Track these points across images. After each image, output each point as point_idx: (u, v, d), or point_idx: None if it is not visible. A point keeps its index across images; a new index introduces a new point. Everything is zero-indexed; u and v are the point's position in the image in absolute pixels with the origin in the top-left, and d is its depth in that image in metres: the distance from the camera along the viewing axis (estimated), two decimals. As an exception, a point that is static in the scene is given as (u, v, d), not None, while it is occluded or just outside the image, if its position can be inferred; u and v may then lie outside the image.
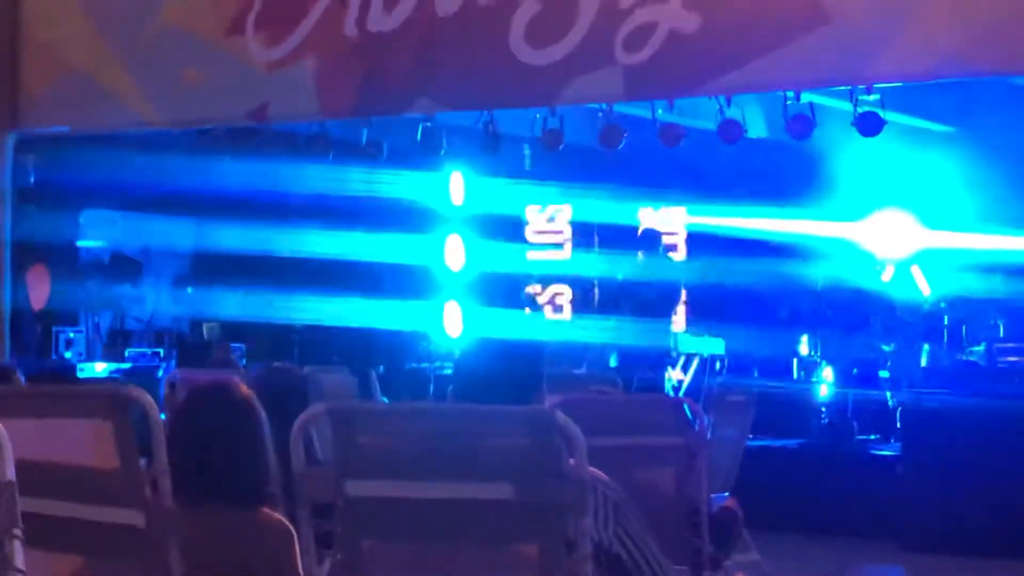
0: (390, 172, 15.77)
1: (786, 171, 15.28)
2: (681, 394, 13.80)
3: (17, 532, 2.64)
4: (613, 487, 3.60)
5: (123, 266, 17.35)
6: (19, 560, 2.63)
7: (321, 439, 4.29)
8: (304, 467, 3.35)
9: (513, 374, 3.77)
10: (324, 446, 3.84)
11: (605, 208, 16.77)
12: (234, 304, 16.09)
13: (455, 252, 17.44)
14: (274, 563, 3.73)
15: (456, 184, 17.45)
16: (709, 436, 6.47)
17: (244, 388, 4.07)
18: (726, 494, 7.00)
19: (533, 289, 17.08)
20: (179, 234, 17.44)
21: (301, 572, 3.63)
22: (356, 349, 15.40)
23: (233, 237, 15.77)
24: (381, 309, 15.68)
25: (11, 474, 2.64)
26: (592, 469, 3.29)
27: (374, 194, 15.95)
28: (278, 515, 3.83)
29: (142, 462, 3.45)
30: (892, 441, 13.42)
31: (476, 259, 17.28)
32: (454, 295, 17.07)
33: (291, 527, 3.73)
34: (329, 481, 3.36)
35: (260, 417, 3.96)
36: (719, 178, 15.80)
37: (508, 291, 16.53)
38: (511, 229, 17.52)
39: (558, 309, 17.26)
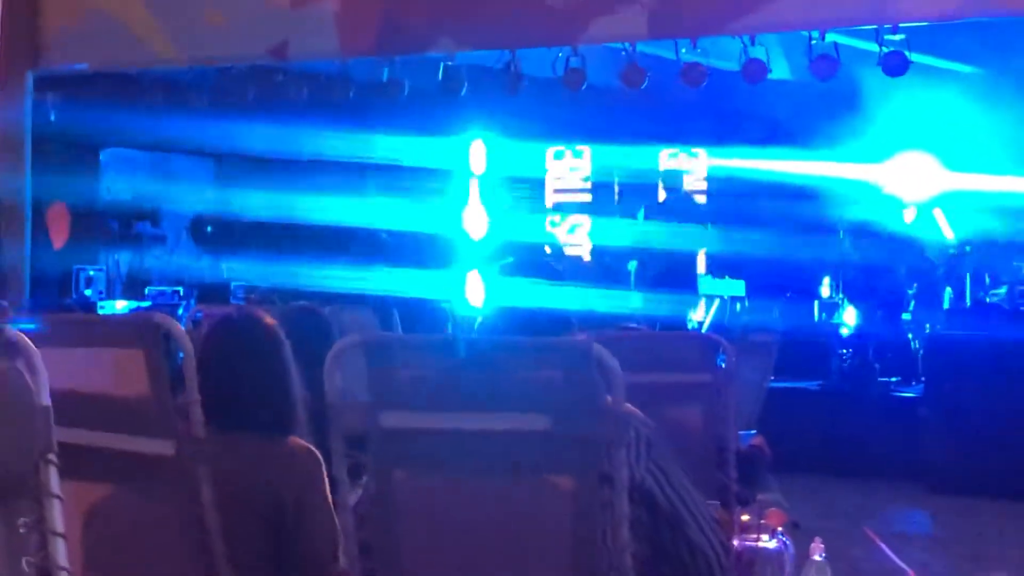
0: (412, 137, 15.71)
1: (809, 113, 15.18)
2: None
3: (52, 457, 2.62)
4: (646, 422, 3.58)
5: (143, 204, 17.33)
6: (54, 485, 2.62)
7: (347, 374, 4.28)
8: (338, 397, 3.32)
9: (538, 333, 3.75)
10: (350, 380, 3.82)
11: (626, 153, 16.70)
12: (254, 272, 16.07)
13: (476, 220, 17.34)
14: (303, 490, 3.73)
15: (477, 151, 17.37)
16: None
17: (269, 318, 4.06)
18: (753, 432, 6.97)
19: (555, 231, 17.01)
20: (199, 177, 17.43)
21: (330, 499, 3.61)
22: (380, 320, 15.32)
23: (253, 199, 15.77)
24: (402, 278, 15.61)
25: (47, 399, 2.62)
26: (626, 404, 3.26)
27: (396, 161, 15.92)
28: (305, 443, 3.82)
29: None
30: (914, 383, 13.41)
31: (498, 228, 17.19)
32: (476, 264, 16.97)
33: (319, 455, 3.72)
34: (360, 413, 3.33)
35: (285, 347, 3.95)
36: (741, 121, 15.72)
37: (531, 260, 16.43)
38: (533, 196, 17.42)
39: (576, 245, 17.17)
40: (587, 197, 17.47)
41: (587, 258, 16.70)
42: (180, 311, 14.60)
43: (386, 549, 3.32)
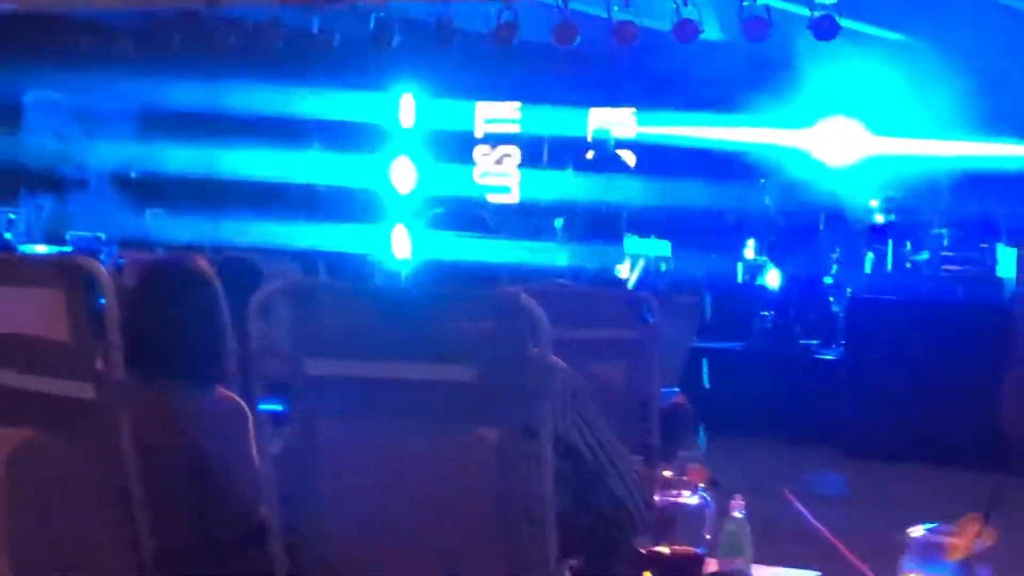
0: (340, 92, 15.60)
1: (738, 77, 15.22)
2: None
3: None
4: (572, 375, 3.57)
5: (66, 147, 17.12)
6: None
7: (274, 323, 4.24)
8: (261, 345, 3.29)
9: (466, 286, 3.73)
10: (278, 330, 3.79)
11: (556, 112, 16.68)
12: (178, 223, 15.93)
13: (404, 175, 17.27)
14: (227, 441, 3.69)
15: (406, 105, 17.29)
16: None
17: (203, 263, 4.00)
18: (676, 389, 7.00)
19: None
20: (123, 125, 17.25)
21: (254, 449, 3.58)
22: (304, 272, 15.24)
23: (177, 150, 15.62)
24: (329, 233, 15.52)
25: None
26: (552, 356, 3.25)
27: (322, 115, 15.81)
28: (232, 394, 3.78)
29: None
30: (834, 346, 13.51)
31: (426, 182, 17.12)
32: (403, 219, 16.89)
33: (246, 406, 3.69)
34: (285, 361, 3.31)
35: (218, 293, 3.89)
36: (672, 83, 15.73)
37: (460, 211, 16.32)
38: (461, 152, 17.36)
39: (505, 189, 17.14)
40: (515, 128, 17.43)
41: (515, 199, 16.71)
42: (102, 257, 14.45)
43: (308, 498, 3.30)
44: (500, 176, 17.15)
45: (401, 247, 16.49)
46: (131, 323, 3.33)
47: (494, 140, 17.39)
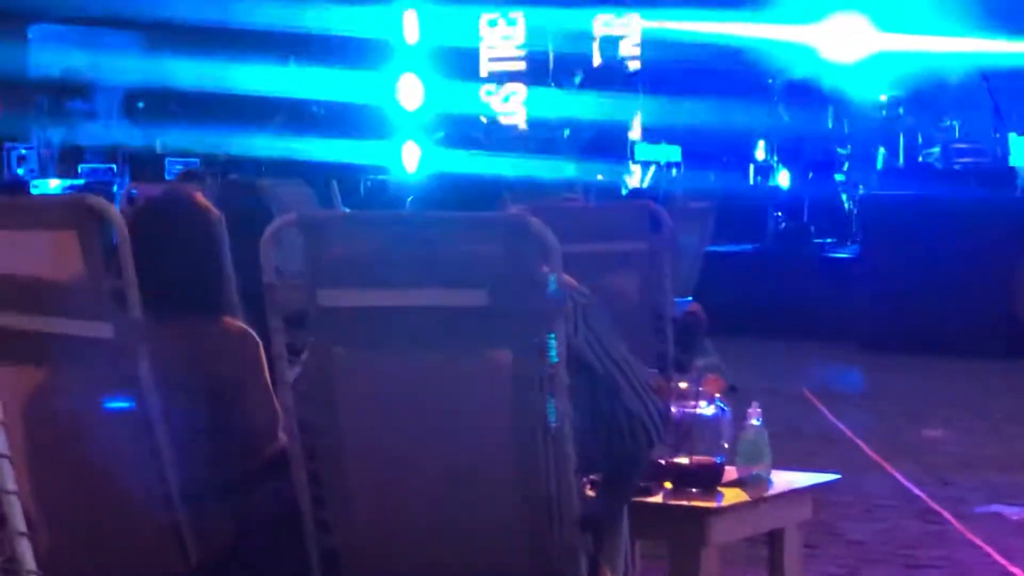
0: (345, 7, 15.54)
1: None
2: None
3: (-13, 345, 2.61)
4: (583, 292, 3.59)
5: (73, 80, 17.10)
6: (-10, 373, 2.61)
7: (286, 251, 4.27)
8: (274, 276, 3.32)
9: (472, 199, 3.75)
10: (288, 258, 3.81)
11: (560, 17, 16.58)
12: (189, 137, 15.93)
13: (411, 91, 17.21)
14: (240, 369, 3.72)
15: (410, 20, 17.20)
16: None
17: (201, 197, 4.02)
18: (689, 299, 7.03)
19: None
20: (129, 51, 17.20)
21: (268, 377, 3.62)
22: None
23: (186, 69, 15.58)
24: (338, 148, 15.51)
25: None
26: (563, 275, 3.28)
27: (327, 31, 15.75)
28: (240, 323, 3.81)
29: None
30: (849, 244, 13.51)
31: (433, 98, 17.06)
32: (411, 135, 16.87)
33: (255, 335, 3.72)
34: (298, 291, 3.34)
35: (217, 225, 3.91)
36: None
37: (464, 133, 16.35)
38: (467, 66, 17.28)
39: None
40: (521, 65, 17.36)
41: (523, 127, 16.65)
42: (115, 188, 14.48)
43: (325, 425, 3.34)
44: (507, 116, 17.07)
45: (410, 163, 16.53)
46: (134, 260, 3.35)
47: (499, 79, 17.29)
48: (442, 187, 3.90)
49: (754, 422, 4.31)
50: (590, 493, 3.70)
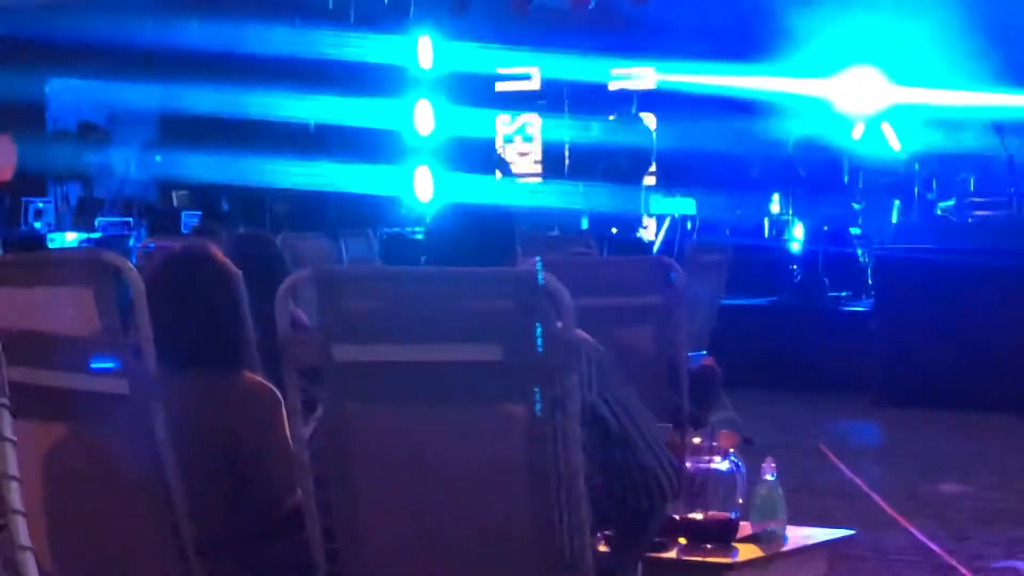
0: (358, 34, 15.62)
1: (757, 28, 15.19)
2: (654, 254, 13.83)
3: (4, 401, 2.62)
4: (596, 348, 3.60)
5: (90, 134, 17.20)
6: (7, 429, 2.62)
7: (300, 304, 4.29)
8: (289, 330, 3.34)
9: (486, 238, 3.77)
10: (306, 311, 3.82)
11: (575, 66, 16.66)
12: (204, 167, 15.97)
13: (424, 116, 17.32)
14: (260, 426, 3.73)
15: (424, 47, 17.30)
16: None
17: (219, 253, 4.05)
18: (703, 352, 7.03)
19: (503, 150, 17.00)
20: (145, 99, 17.29)
21: (288, 434, 3.63)
22: (328, 213, 15.37)
23: (200, 99, 15.64)
24: (351, 174, 15.60)
25: (-3, 342, 2.62)
26: (576, 330, 3.29)
27: (342, 57, 15.81)
28: (260, 379, 3.83)
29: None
30: (864, 297, 13.51)
31: (446, 124, 17.17)
32: (424, 160, 16.99)
33: (276, 390, 3.73)
34: (313, 345, 3.35)
35: (235, 280, 3.93)
36: (690, 37, 15.68)
37: (478, 156, 16.46)
38: (481, 93, 17.38)
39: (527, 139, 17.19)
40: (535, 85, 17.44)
41: (537, 155, 16.80)
42: (131, 242, 14.55)
43: (341, 480, 3.34)
44: (523, 143, 17.16)
45: (423, 188, 16.61)
46: (155, 317, 3.37)
47: (513, 104, 17.38)
48: (456, 229, 3.90)
49: (768, 477, 4.31)
50: (604, 548, 3.71)
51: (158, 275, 3.93)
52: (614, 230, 14.03)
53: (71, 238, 15.23)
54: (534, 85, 17.55)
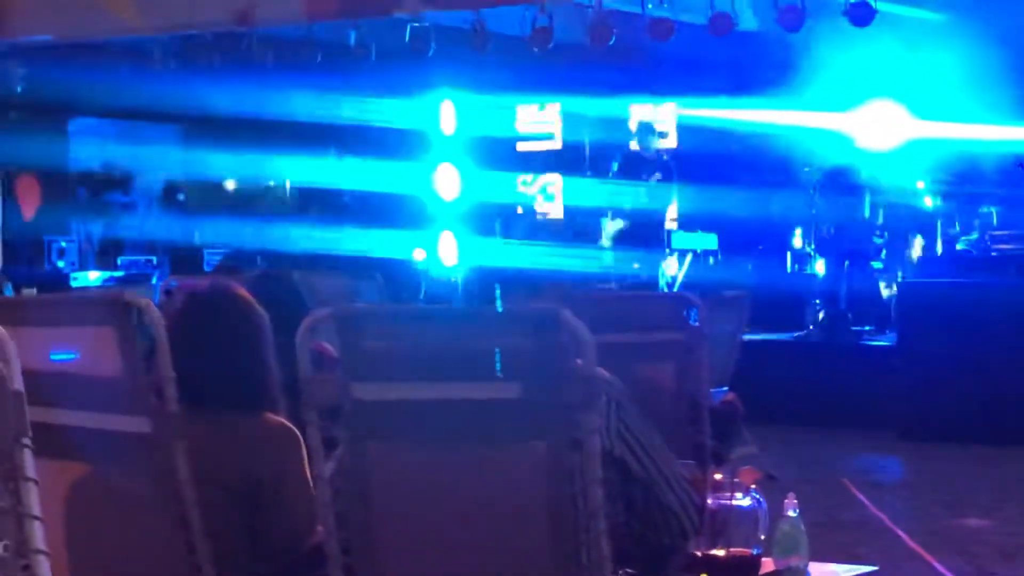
0: (380, 99, 15.69)
1: (776, 64, 15.17)
2: (676, 290, 13.81)
3: (26, 441, 2.63)
4: (616, 385, 3.60)
5: (113, 174, 17.29)
6: (30, 469, 2.63)
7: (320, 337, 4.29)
8: (310, 370, 3.35)
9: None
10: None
11: (595, 105, 16.68)
12: (226, 231, 16.05)
13: (448, 181, 17.30)
14: (281, 466, 3.74)
15: (447, 112, 17.33)
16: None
17: (243, 291, 4.04)
18: (725, 388, 7.01)
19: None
20: (168, 144, 17.38)
21: (308, 474, 3.63)
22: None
23: (221, 160, 15.73)
24: (375, 239, 15.58)
25: (19, 383, 2.62)
26: (596, 368, 3.29)
27: (365, 122, 15.89)
28: (281, 419, 3.83)
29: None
30: (887, 332, 13.47)
31: (470, 188, 17.15)
32: (448, 225, 16.92)
33: (296, 430, 3.73)
34: (333, 384, 3.36)
35: (260, 320, 3.94)
36: (710, 73, 15.70)
37: (503, 220, 16.44)
38: (504, 157, 17.38)
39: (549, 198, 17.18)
40: (557, 144, 17.45)
41: (558, 215, 16.74)
42: (153, 280, 14.59)
43: (362, 519, 3.35)
44: (545, 203, 17.17)
45: (448, 253, 16.57)
46: (177, 356, 3.38)
47: (535, 164, 17.39)
48: (480, 281, 3.92)
49: (791, 513, 4.29)
50: (625, 586, 3.70)
51: (185, 312, 3.94)
52: (636, 266, 14.02)
53: (94, 277, 15.29)
54: (556, 145, 17.56)
